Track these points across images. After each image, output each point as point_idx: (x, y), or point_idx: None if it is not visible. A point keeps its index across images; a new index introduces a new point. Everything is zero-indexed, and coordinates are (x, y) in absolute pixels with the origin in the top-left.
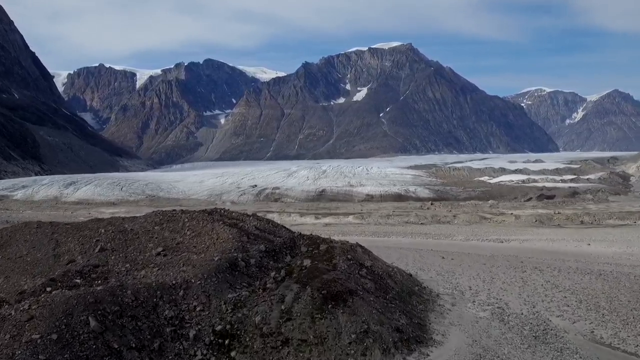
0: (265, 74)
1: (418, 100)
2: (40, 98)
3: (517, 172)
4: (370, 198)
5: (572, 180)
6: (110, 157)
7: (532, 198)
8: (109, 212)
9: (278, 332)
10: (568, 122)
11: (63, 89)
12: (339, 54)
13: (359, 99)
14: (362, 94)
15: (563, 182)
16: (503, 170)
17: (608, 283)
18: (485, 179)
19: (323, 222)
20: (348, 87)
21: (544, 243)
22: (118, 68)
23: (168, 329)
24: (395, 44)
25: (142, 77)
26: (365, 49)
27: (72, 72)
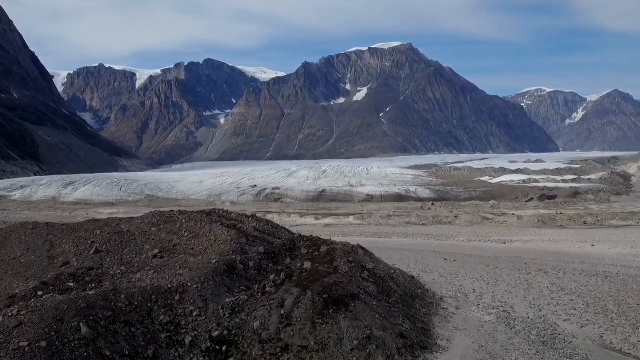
0: (265, 74)
1: (418, 100)
2: (40, 98)
3: (517, 172)
4: (371, 198)
5: (573, 181)
6: (110, 157)
7: (533, 198)
8: (108, 212)
9: (277, 338)
10: (568, 122)
11: (63, 89)
12: (339, 54)
13: (359, 99)
14: (362, 94)
15: (564, 182)
16: (504, 171)
17: (615, 285)
18: (486, 179)
19: (323, 222)
20: (348, 87)
21: (547, 244)
22: (118, 68)
23: (163, 335)
24: (395, 44)
25: (141, 77)
26: (365, 49)
27: (71, 72)
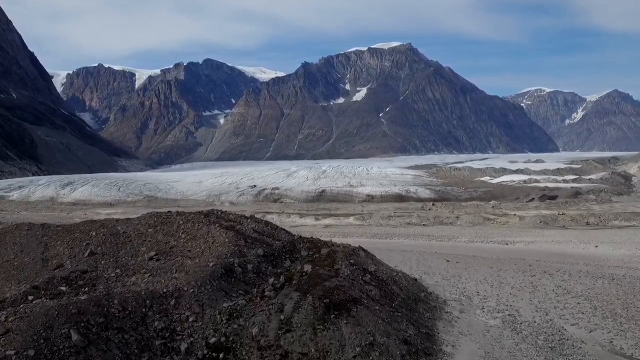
0: (265, 74)
1: (417, 100)
2: (38, 98)
3: (518, 172)
4: (371, 198)
5: (574, 181)
6: (109, 157)
7: (534, 198)
8: (106, 213)
9: (277, 344)
10: (568, 122)
11: (62, 89)
12: (339, 54)
13: (359, 99)
14: (361, 94)
15: (565, 182)
16: (504, 171)
17: (622, 288)
18: (487, 179)
19: (323, 223)
20: (347, 87)
21: (550, 245)
22: (117, 68)
23: (157, 342)
24: (395, 44)
25: (141, 77)
26: (365, 49)
27: (71, 72)
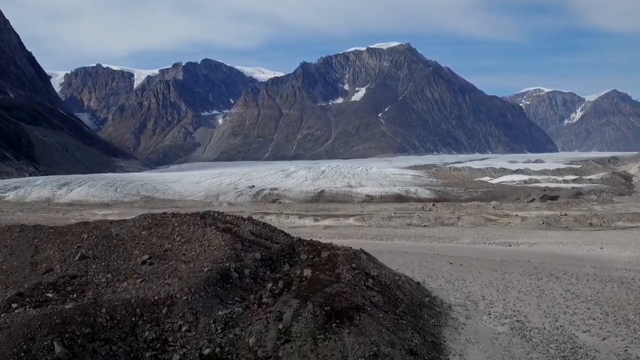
0: (263, 74)
1: (416, 101)
2: (36, 98)
3: (518, 172)
4: (371, 199)
5: (574, 181)
6: (107, 157)
7: (535, 199)
8: (102, 213)
9: (275, 355)
10: (566, 122)
11: (60, 89)
12: (337, 54)
13: (357, 99)
14: (360, 94)
15: (565, 182)
16: (504, 171)
17: (633, 292)
18: (487, 180)
19: (323, 224)
20: (346, 87)
21: (554, 247)
22: (115, 68)
23: (148, 354)
24: (394, 44)
25: (139, 77)
26: (364, 49)
27: (69, 72)
